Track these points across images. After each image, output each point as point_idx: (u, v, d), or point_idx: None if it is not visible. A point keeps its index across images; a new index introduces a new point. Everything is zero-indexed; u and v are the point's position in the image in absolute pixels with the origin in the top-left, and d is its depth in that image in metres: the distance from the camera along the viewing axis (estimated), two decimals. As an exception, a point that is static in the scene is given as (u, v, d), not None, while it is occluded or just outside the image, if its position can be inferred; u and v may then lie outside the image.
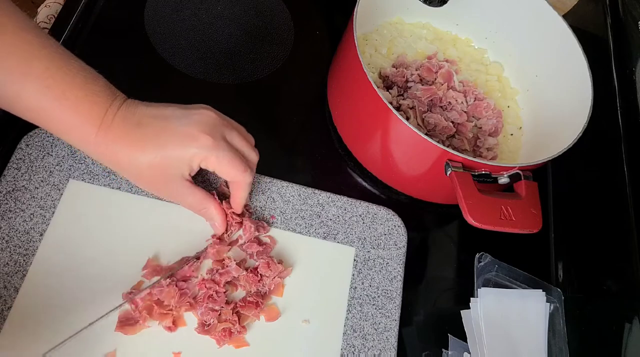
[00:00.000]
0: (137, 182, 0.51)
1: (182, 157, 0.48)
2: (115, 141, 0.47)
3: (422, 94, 0.70)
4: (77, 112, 0.46)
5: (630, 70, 0.69)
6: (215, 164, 0.49)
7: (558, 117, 0.70)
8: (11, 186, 0.56)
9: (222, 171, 0.51)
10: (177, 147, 0.48)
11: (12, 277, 0.52)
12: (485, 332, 0.60)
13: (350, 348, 0.57)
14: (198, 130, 0.48)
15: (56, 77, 0.45)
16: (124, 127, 0.47)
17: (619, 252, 0.62)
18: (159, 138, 0.48)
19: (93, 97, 0.46)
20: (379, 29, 0.78)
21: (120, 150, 0.47)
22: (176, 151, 0.48)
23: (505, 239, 0.60)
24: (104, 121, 0.46)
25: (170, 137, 0.48)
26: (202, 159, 0.49)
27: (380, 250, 0.62)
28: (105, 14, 0.72)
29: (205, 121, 0.50)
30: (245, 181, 0.53)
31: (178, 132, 0.48)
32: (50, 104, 0.45)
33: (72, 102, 0.45)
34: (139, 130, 0.47)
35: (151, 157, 0.47)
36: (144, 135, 0.47)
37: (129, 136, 0.47)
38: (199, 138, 0.48)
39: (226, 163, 0.50)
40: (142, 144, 0.47)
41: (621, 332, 0.58)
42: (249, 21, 0.78)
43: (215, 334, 0.53)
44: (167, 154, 0.48)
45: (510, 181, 0.58)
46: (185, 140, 0.48)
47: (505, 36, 0.78)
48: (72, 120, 0.46)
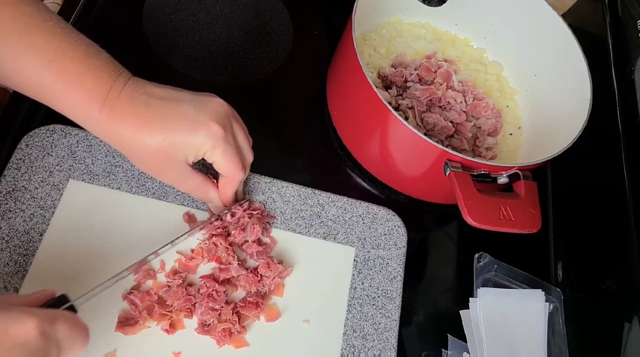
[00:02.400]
0: (138, 163, 0.49)
1: (190, 144, 0.47)
2: (122, 119, 0.45)
3: (421, 94, 0.70)
4: (80, 86, 0.44)
5: (629, 70, 0.69)
6: (219, 156, 0.49)
7: (557, 116, 0.70)
8: (11, 186, 0.56)
9: (222, 164, 0.50)
10: (187, 133, 0.46)
11: (12, 277, 0.52)
12: (484, 332, 0.60)
13: (350, 348, 0.57)
14: (210, 118, 0.47)
15: (57, 51, 0.43)
16: (131, 105, 0.45)
17: (618, 252, 0.62)
18: (169, 121, 0.46)
19: (96, 72, 0.45)
20: (377, 29, 0.78)
21: (126, 130, 0.45)
22: (185, 137, 0.47)
23: (505, 239, 0.60)
24: (109, 96, 0.45)
25: (180, 121, 0.46)
26: (209, 148, 0.48)
27: (380, 250, 0.62)
28: (104, 14, 0.72)
29: (218, 110, 0.49)
30: (239, 179, 0.52)
31: (189, 117, 0.47)
32: (53, 79, 0.44)
33: (74, 76, 0.44)
34: (147, 110, 0.46)
35: (159, 140, 0.46)
36: (152, 116, 0.46)
37: (136, 115, 0.45)
38: (210, 126, 0.47)
39: (229, 157, 0.49)
40: (150, 125, 0.46)
41: (621, 331, 0.58)
42: (248, 21, 0.78)
43: (215, 334, 0.53)
44: (175, 139, 0.46)
45: (510, 180, 0.58)
46: (196, 127, 0.47)
47: (504, 36, 0.78)
48: (75, 95, 0.44)
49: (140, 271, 0.54)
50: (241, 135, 0.52)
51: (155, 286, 0.54)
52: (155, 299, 0.54)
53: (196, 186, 0.52)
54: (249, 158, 0.54)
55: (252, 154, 0.54)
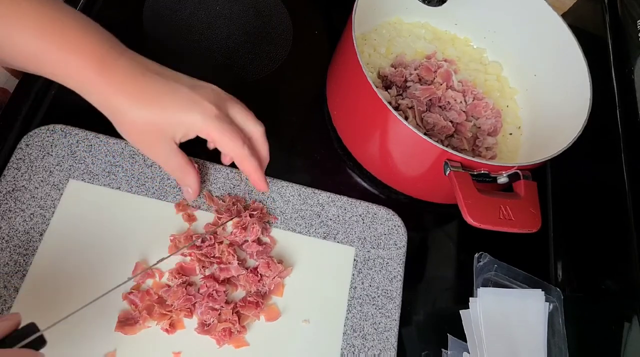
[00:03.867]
0: (126, 135, 0.49)
1: (183, 121, 0.47)
2: (118, 86, 0.45)
3: (421, 94, 0.70)
4: (77, 49, 0.44)
5: (629, 70, 0.69)
6: (216, 134, 0.49)
7: (557, 116, 0.70)
8: (11, 186, 0.56)
9: (222, 143, 0.50)
10: (181, 110, 0.47)
11: (12, 277, 0.52)
12: (484, 332, 0.60)
13: (350, 348, 0.57)
14: (204, 98, 0.48)
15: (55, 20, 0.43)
16: (131, 74, 0.46)
17: (618, 251, 0.62)
18: (163, 96, 0.47)
19: (94, 37, 0.45)
20: (377, 29, 0.78)
21: (120, 98, 0.46)
22: (178, 114, 0.47)
23: (505, 238, 0.60)
24: (107, 62, 0.45)
25: (174, 98, 0.47)
26: (202, 127, 0.48)
27: (380, 250, 0.62)
28: (104, 14, 0.72)
29: (212, 91, 0.50)
30: (245, 153, 0.52)
31: (185, 95, 0.47)
32: (49, 46, 0.43)
33: (71, 41, 0.44)
34: (146, 82, 0.46)
35: (151, 113, 0.46)
36: (148, 89, 0.46)
37: (132, 85, 0.46)
38: (203, 105, 0.48)
39: (227, 135, 0.49)
40: (145, 98, 0.46)
41: (620, 331, 0.58)
42: (248, 21, 0.78)
43: (215, 334, 0.53)
44: (168, 115, 0.47)
45: (510, 180, 0.58)
46: (190, 105, 0.47)
47: (504, 36, 0.78)
48: (72, 60, 0.44)
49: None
50: (239, 112, 0.52)
51: (155, 285, 0.55)
52: (155, 298, 0.54)
53: (178, 166, 0.52)
54: (258, 129, 0.54)
55: (260, 124, 0.54)
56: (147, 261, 0.55)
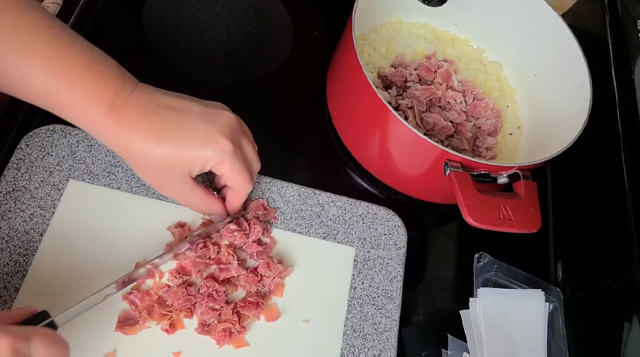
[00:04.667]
0: (141, 173, 0.49)
1: (198, 158, 0.47)
2: (130, 127, 0.45)
3: (420, 94, 0.70)
4: (85, 92, 0.44)
5: (629, 70, 0.69)
6: (228, 170, 0.48)
7: (557, 116, 0.70)
8: (11, 186, 0.56)
9: (230, 178, 0.50)
10: (196, 147, 0.46)
11: (12, 277, 0.52)
12: (484, 332, 0.60)
13: (350, 348, 0.57)
14: (219, 133, 0.47)
15: (62, 57, 0.43)
16: (140, 113, 0.45)
17: (618, 252, 0.62)
18: (177, 133, 0.46)
19: (102, 78, 0.44)
20: (377, 29, 0.78)
21: (133, 138, 0.45)
22: (194, 150, 0.46)
23: (505, 238, 0.60)
24: (116, 103, 0.44)
25: (189, 134, 0.46)
26: (217, 163, 0.48)
27: (380, 250, 0.62)
28: (104, 14, 0.72)
29: (227, 124, 0.48)
30: (247, 190, 0.53)
31: (199, 130, 0.46)
32: (57, 86, 0.43)
33: (80, 83, 0.43)
34: (156, 119, 0.45)
35: (166, 151, 0.45)
36: (161, 126, 0.45)
37: (144, 124, 0.45)
38: (219, 141, 0.47)
39: (237, 172, 0.49)
40: (158, 135, 0.45)
41: (620, 331, 0.58)
42: (248, 21, 0.78)
43: (215, 334, 0.53)
44: (183, 151, 0.46)
45: (510, 180, 0.58)
46: (205, 141, 0.46)
47: (504, 36, 0.78)
48: (81, 102, 0.44)
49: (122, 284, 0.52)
50: (249, 148, 0.52)
51: (155, 286, 0.55)
52: (155, 299, 0.54)
53: (198, 199, 0.52)
54: (255, 167, 0.54)
55: (259, 163, 0.54)
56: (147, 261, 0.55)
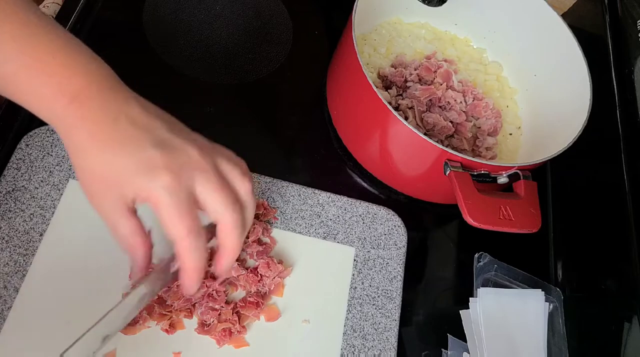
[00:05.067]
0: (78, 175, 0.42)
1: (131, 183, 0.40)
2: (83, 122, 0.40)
3: (420, 94, 0.70)
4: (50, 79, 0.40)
5: (629, 70, 0.69)
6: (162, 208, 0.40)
7: (557, 116, 0.70)
8: (11, 186, 0.56)
9: (165, 220, 0.40)
10: (132, 170, 0.40)
11: (12, 277, 0.52)
12: (484, 332, 0.60)
13: (350, 348, 0.57)
14: (164, 163, 0.40)
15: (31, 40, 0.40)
16: (99, 114, 0.40)
17: (618, 251, 0.62)
18: (122, 148, 0.40)
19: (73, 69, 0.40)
20: (377, 29, 0.78)
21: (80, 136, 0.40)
22: (128, 173, 0.40)
23: (505, 238, 0.60)
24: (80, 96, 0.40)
25: (133, 154, 0.40)
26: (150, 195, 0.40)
27: (380, 250, 0.62)
28: (104, 14, 0.72)
29: (180, 156, 0.41)
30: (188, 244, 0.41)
31: (144, 154, 0.40)
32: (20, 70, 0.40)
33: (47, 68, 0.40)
34: (112, 126, 0.40)
35: (104, 162, 0.40)
36: (112, 135, 0.40)
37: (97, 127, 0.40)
38: (158, 172, 0.40)
39: (172, 212, 0.40)
40: (104, 143, 0.40)
41: (620, 331, 0.58)
42: (248, 21, 0.78)
43: (215, 334, 0.53)
44: (119, 171, 0.40)
45: (510, 180, 0.58)
46: (145, 167, 0.40)
47: (504, 36, 0.78)
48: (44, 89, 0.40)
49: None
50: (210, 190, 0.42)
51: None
52: (155, 299, 0.54)
53: (124, 233, 0.42)
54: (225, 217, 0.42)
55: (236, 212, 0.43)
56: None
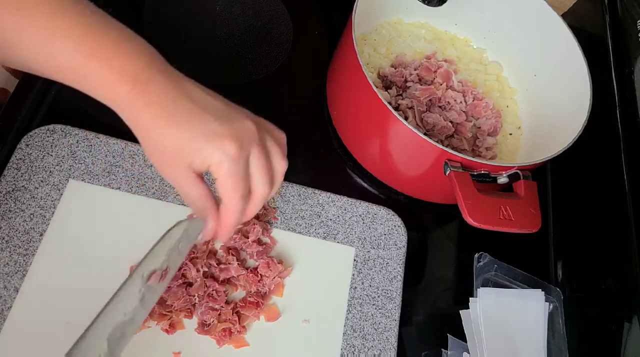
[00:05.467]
0: (147, 153, 0.48)
1: (198, 151, 0.45)
2: (146, 105, 0.44)
3: (420, 94, 0.70)
4: (110, 68, 0.43)
5: (629, 70, 0.69)
6: (224, 174, 0.46)
7: (557, 116, 0.70)
8: (11, 186, 0.56)
9: (224, 185, 0.46)
10: (199, 139, 0.45)
11: (12, 277, 0.52)
12: (484, 332, 0.60)
13: (350, 348, 0.57)
14: (227, 134, 0.45)
15: (87, 33, 0.43)
16: (161, 96, 0.45)
17: (618, 251, 0.62)
18: (188, 122, 0.45)
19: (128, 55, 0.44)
20: (377, 29, 0.78)
21: (145, 116, 0.45)
22: (195, 142, 0.45)
23: (505, 238, 0.60)
24: (139, 81, 0.44)
25: (198, 126, 0.45)
26: (213, 163, 0.46)
27: (380, 250, 0.62)
28: (105, 14, 0.72)
29: (241, 129, 0.47)
30: (235, 209, 0.47)
31: (208, 125, 0.45)
32: (83, 61, 0.43)
33: (105, 59, 0.43)
34: (174, 105, 0.45)
35: (172, 137, 0.45)
36: (176, 112, 0.45)
37: (161, 107, 0.45)
38: (224, 141, 0.45)
39: (231, 180, 0.46)
40: (169, 120, 0.45)
41: (620, 331, 0.58)
42: (248, 21, 0.78)
43: (215, 334, 0.53)
44: (187, 141, 0.45)
45: (510, 180, 0.58)
46: (210, 137, 0.45)
47: (504, 36, 0.78)
48: (106, 77, 0.43)
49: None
50: (259, 165, 0.48)
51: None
52: (156, 298, 0.54)
53: (196, 197, 0.48)
54: (261, 189, 0.49)
55: (267, 186, 0.49)
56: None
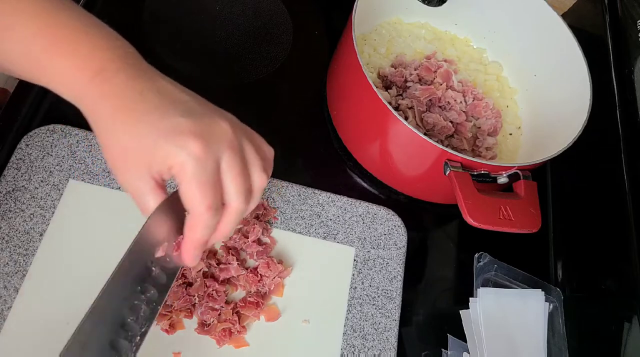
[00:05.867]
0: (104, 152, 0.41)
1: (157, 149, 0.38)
2: (107, 97, 0.39)
3: (420, 94, 0.70)
4: (74, 54, 0.39)
5: (629, 70, 0.69)
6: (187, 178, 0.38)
7: (557, 116, 0.70)
8: (11, 186, 0.56)
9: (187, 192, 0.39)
10: (161, 136, 0.38)
11: (12, 277, 0.52)
12: (484, 332, 0.60)
13: (350, 348, 0.57)
14: (193, 129, 0.38)
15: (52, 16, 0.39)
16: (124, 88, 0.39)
17: (618, 251, 0.62)
18: (149, 117, 0.38)
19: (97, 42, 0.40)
20: (377, 29, 0.78)
21: (104, 110, 0.39)
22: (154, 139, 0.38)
23: (505, 238, 0.60)
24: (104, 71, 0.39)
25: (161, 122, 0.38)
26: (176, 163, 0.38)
27: (380, 250, 0.62)
28: (104, 14, 0.71)
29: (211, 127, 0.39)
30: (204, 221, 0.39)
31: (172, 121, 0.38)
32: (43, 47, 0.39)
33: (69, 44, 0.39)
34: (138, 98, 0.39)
35: (131, 133, 0.38)
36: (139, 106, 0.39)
37: (122, 99, 0.39)
38: (187, 137, 0.38)
39: (195, 184, 0.38)
40: (129, 114, 0.38)
41: (620, 331, 0.58)
42: (248, 21, 0.77)
43: (215, 334, 0.53)
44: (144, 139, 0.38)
45: (509, 180, 0.58)
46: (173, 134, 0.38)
47: (504, 36, 0.78)
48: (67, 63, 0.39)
49: None
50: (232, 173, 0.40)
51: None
52: (156, 299, 0.54)
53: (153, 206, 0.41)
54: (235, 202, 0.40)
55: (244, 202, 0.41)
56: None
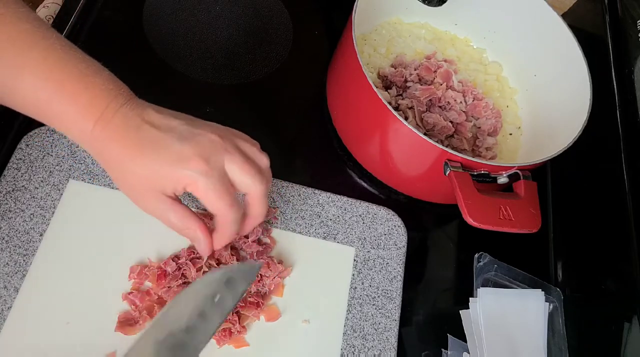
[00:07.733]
0: (119, 185, 0.48)
1: (168, 176, 0.45)
2: (111, 138, 0.45)
3: (420, 94, 0.70)
4: (75, 103, 0.44)
5: (629, 70, 0.69)
6: (202, 191, 0.45)
7: (557, 116, 0.70)
8: (11, 186, 0.56)
9: (207, 201, 0.46)
10: (166, 165, 0.45)
11: (12, 277, 0.52)
12: (484, 332, 0.60)
13: (350, 348, 0.57)
14: (194, 153, 0.45)
15: (54, 68, 0.43)
16: (124, 126, 0.45)
17: (618, 251, 0.62)
18: (152, 149, 0.45)
19: (94, 90, 0.44)
20: (377, 29, 0.78)
21: (112, 149, 0.45)
22: (164, 168, 0.45)
23: (505, 238, 0.60)
24: (103, 116, 0.44)
25: (162, 151, 0.45)
26: (189, 182, 0.45)
27: (380, 250, 0.62)
28: (104, 14, 0.72)
29: (206, 144, 0.46)
30: (230, 218, 0.47)
31: (172, 148, 0.45)
32: (48, 97, 0.43)
33: (70, 94, 0.43)
34: (136, 134, 0.45)
35: (139, 166, 0.45)
36: (139, 141, 0.45)
37: (125, 138, 0.45)
38: (191, 160, 0.45)
39: (212, 194, 0.45)
40: (135, 151, 0.45)
41: (620, 331, 0.58)
42: (248, 21, 0.78)
43: (215, 334, 0.53)
44: (155, 169, 0.45)
45: (510, 180, 0.58)
46: (178, 160, 0.45)
47: (504, 36, 0.78)
48: (70, 113, 0.44)
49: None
50: (237, 168, 0.47)
51: (155, 286, 0.54)
52: (155, 299, 0.54)
53: (177, 220, 0.48)
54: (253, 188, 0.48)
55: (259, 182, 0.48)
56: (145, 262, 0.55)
